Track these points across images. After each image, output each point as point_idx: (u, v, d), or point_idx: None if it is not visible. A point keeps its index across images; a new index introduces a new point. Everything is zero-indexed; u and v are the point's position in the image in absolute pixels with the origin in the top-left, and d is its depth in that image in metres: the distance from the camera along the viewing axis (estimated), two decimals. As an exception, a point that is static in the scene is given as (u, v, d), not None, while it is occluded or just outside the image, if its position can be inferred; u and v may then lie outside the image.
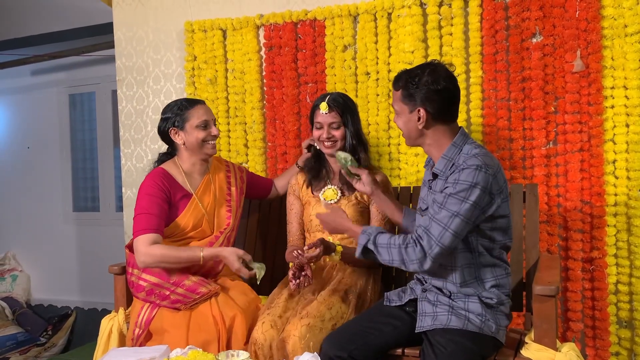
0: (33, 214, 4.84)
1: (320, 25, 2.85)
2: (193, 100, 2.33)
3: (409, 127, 1.87)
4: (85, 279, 4.64)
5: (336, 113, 2.22)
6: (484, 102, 2.58)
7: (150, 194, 2.19)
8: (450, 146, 1.85)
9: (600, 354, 2.43)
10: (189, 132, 2.26)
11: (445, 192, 1.76)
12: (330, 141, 2.23)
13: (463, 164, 1.77)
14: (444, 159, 1.85)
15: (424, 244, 1.75)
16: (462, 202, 1.73)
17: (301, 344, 1.85)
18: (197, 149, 2.28)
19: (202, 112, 2.28)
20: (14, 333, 4.20)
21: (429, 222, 1.77)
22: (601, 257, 2.42)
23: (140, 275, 2.17)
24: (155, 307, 2.15)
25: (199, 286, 2.12)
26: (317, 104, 2.25)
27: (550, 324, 1.78)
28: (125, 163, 3.33)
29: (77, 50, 4.30)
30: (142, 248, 2.10)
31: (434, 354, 1.72)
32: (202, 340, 2.02)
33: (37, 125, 4.81)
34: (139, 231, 2.13)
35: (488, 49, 2.55)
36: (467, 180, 1.74)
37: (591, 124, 2.43)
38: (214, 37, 3.06)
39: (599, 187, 2.42)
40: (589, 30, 2.41)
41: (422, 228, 1.77)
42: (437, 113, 1.82)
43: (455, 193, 1.74)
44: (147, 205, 2.17)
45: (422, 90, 1.80)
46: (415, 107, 1.82)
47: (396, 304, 1.97)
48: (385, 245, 1.80)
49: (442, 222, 1.73)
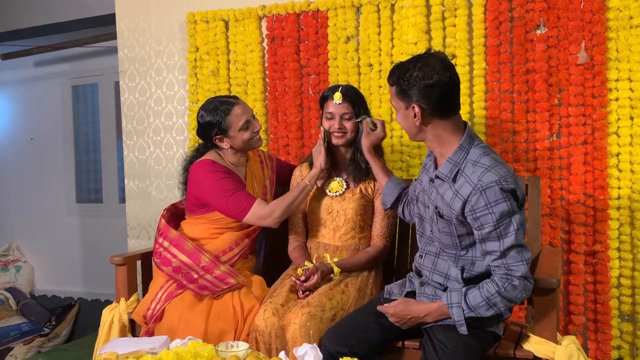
0: (36, 205, 4.86)
1: (323, 16, 2.83)
2: (228, 101, 2.27)
3: (407, 124, 1.79)
4: (88, 270, 4.66)
5: (349, 104, 2.20)
6: (487, 94, 2.57)
7: (222, 177, 2.21)
8: (457, 150, 1.74)
9: (602, 348, 2.42)
10: (234, 137, 2.25)
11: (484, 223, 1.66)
12: (341, 132, 2.21)
13: (477, 182, 1.67)
14: (450, 163, 1.75)
15: (514, 274, 1.67)
16: (510, 216, 1.66)
17: (301, 332, 1.86)
18: (244, 148, 2.30)
19: (241, 113, 2.25)
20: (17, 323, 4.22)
21: (500, 255, 1.67)
22: (604, 250, 2.41)
23: (170, 248, 2.19)
24: (180, 287, 2.16)
25: (228, 277, 2.14)
26: (330, 93, 2.22)
27: (551, 317, 1.77)
28: (128, 154, 3.33)
29: (80, 42, 4.29)
30: (265, 211, 2.17)
31: (435, 353, 1.71)
32: (219, 329, 2.04)
33: (40, 116, 4.82)
34: (244, 208, 2.17)
35: (492, 40, 2.54)
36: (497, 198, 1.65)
37: (595, 117, 2.41)
38: (216, 29, 3.05)
39: (602, 181, 2.41)
40: (594, 21, 2.38)
41: (499, 265, 1.68)
42: (433, 108, 1.71)
43: (499, 217, 1.64)
44: (230, 184, 2.19)
45: (413, 85, 1.70)
46: (410, 104, 1.73)
47: (397, 297, 1.96)
48: (484, 305, 1.68)
49: (510, 245, 1.66)
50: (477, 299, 1.69)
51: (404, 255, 2.41)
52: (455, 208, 1.72)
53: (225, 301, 2.11)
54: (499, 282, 1.68)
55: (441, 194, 1.78)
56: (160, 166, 3.25)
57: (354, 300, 2.07)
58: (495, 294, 1.67)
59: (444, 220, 1.78)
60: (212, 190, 2.20)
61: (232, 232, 2.27)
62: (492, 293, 1.67)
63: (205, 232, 2.27)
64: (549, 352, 1.75)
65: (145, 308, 2.18)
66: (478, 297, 1.69)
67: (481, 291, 1.69)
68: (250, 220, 2.19)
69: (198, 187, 2.24)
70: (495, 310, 1.70)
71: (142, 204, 3.30)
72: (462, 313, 1.70)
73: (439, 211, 1.79)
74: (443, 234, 1.81)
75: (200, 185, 2.23)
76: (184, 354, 1.61)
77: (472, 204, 1.67)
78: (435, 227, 1.84)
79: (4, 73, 4.86)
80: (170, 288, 2.18)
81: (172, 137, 3.22)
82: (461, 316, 1.70)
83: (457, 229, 1.76)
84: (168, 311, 2.14)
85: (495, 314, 1.71)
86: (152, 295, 2.19)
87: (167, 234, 2.23)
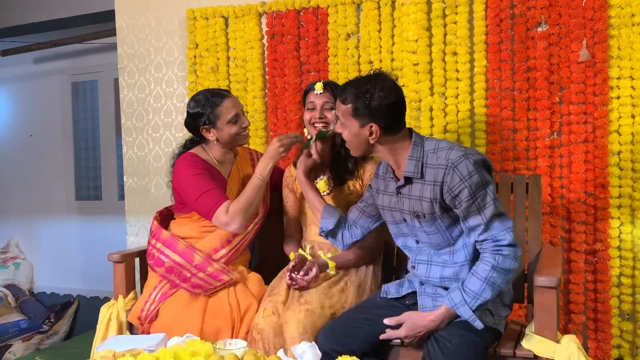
0: (36, 203, 4.85)
1: (323, 13, 2.82)
2: (220, 93, 2.25)
3: (358, 140, 1.80)
4: (87, 267, 4.65)
5: (330, 94, 2.18)
6: (487, 92, 2.56)
7: (196, 174, 2.14)
8: (413, 146, 1.80)
9: (602, 347, 2.41)
10: (221, 129, 2.22)
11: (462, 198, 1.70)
12: (322, 122, 2.18)
13: (446, 162, 1.72)
14: (412, 161, 1.79)
15: (502, 244, 1.70)
16: (485, 187, 1.71)
17: (299, 329, 1.86)
18: (230, 142, 2.26)
19: (231, 106, 2.22)
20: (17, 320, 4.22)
21: (484, 228, 1.71)
22: (604, 249, 2.40)
23: (163, 249, 2.17)
24: (174, 287, 2.15)
25: (221, 274, 2.12)
26: (311, 86, 2.22)
27: (551, 316, 1.76)
28: (127, 151, 3.32)
29: (79, 38, 4.28)
30: (225, 218, 2.08)
31: (439, 349, 1.70)
32: (216, 327, 2.03)
33: (40, 113, 4.80)
34: (211, 210, 2.09)
35: (493, 37, 2.52)
36: (470, 170, 1.70)
37: (596, 115, 2.40)
38: (216, 25, 3.03)
39: (603, 179, 2.40)
40: (596, 19, 2.37)
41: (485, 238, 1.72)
42: (389, 127, 1.77)
43: (475, 189, 1.70)
44: (201, 184, 2.12)
45: (374, 103, 1.73)
46: (367, 123, 1.76)
47: (393, 296, 1.95)
48: (485, 286, 1.68)
49: (492, 215, 1.71)
50: (476, 284, 1.70)
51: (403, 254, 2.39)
52: (435, 196, 1.75)
53: (221, 299, 2.10)
54: (489, 258, 1.70)
55: (416, 195, 1.80)
56: (159, 163, 3.24)
57: (354, 298, 2.06)
58: (491, 270, 1.69)
59: (426, 220, 1.79)
60: (187, 186, 2.15)
61: (222, 230, 2.21)
62: (488, 271, 1.69)
63: (194, 230, 2.23)
64: (549, 351, 1.74)
65: (140, 309, 2.16)
66: (477, 282, 1.70)
67: (476, 275, 1.70)
68: (216, 224, 2.12)
69: (177, 182, 2.21)
70: (497, 288, 1.70)
71: (141, 201, 3.29)
72: (469, 308, 1.69)
73: (418, 214, 1.80)
74: (431, 235, 1.82)
75: (178, 180, 2.19)
76: (182, 352, 1.60)
77: (448, 183, 1.72)
78: (421, 233, 1.84)
79: (3, 70, 4.85)
80: (163, 288, 2.16)
81: (172, 134, 3.21)
82: (469, 312, 1.70)
83: (443, 222, 1.78)
84: (163, 311, 2.12)
85: (498, 291, 1.72)
86: (146, 296, 2.18)
87: (160, 235, 2.21)
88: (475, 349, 1.72)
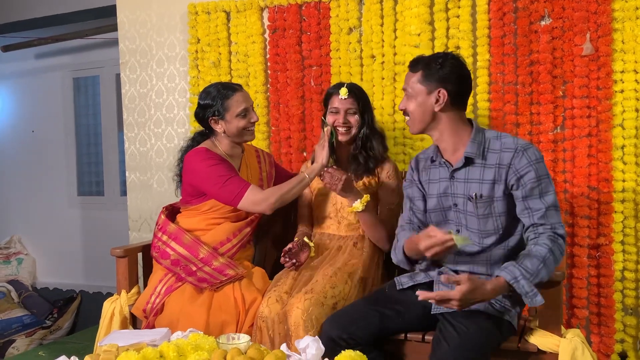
0: (38, 198, 4.85)
1: (325, 7, 2.81)
2: (231, 87, 2.28)
3: (423, 110, 1.82)
4: (90, 263, 4.66)
5: (354, 100, 2.23)
6: (491, 86, 2.55)
7: (215, 163, 2.19)
8: (475, 131, 1.83)
9: (605, 341, 2.41)
10: (230, 121, 2.24)
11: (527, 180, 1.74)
12: (345, 127, 2.23)
13: (515, 145, 1.77)
14: (475, 142, 1.81)
15: (558, 233, 1.72)
16: (548, 177, 1.77)
17: (303, 317, 1.89)
18: (237, 137, 2.28)
19: (242, 100, 2.25)
20: (20, 316, 4.22)
21: (543, 213, 1.73)
22: (608, 243, 2.39)
23: (169, 242, 2.19)
24: (179, 280, 2.16)
25: (227, 268, 2.13)
26: (335, 90, 2.26)
27: (555, 310, 1.76)
28: (129, 147, 3.31)
29: (81, 34, 4.27)
30: (260, 196, 2.15)
31: (456, 333, 1.69)
32: (221, 321, 2.04)
33: (42, 109, 4.80)
34: (238, 193, 2.14)
35: (496, 31, 2.51)
36: (537, 156, 1.76)
37: (600, 109, 2.39)
38: (218, 20, 3.02)
39: (606, 173, 2.39)
40: (599, 12, 2.36)
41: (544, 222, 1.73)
42: (456, 96, 1.80)
43: (541, 174, 1.75)
44: (222, 172, 2.17)
45: (445, 69, 1.79)
46: (436, 88, 1.79)
47: (408, 285, 1.95)
48: (542, 267, 1.65)
49: (551, 203, 1.74)
50: (534, 263, 1.65)
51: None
52: (500, 178, 1.77)
53: (226, 293, 2.10)
54: (547, 241, 1.70)
55: (475, 178, 1.81)
56: (161, 158, 3.23)
57: (355, 291, 2.09)
58: (548, 252, 1.68)
59: (483, 201, 1.79)
60: (207, 176, 2.18)
61: (229, 223, 2.26)
62: (545, 253, 1.67)
63: (202, 223, 2.26)
64: (553, 345, 1.74)
65: (145, 302, 2.17)
66: (535, 261, 1.65)
67: (533, 256, 1.67)
68: (244, 205, 2.17)
69: (192, 174, 2.23)
70: (549, 272, 1.68)
71: (143, 197, 3.29)
72: (530, 282, 1.63)
73: (475, 197, 1.80)
74: (482, 220, 1.81)
75: (194, 172, 2.21)
76: (185, 346, 1.61)
77: (516, 165, 1.75)
78: (472, 217, 1.82)
79: (5, 65, 4.84)
80: (169, 281, 2.17)
81: (174, 129, 3.20)
82: (532, 286, 1.63)
83: (497, 207, 1.79)
84: (168, 304, 2.13)
85: (548, 276, 1.68)
86: (152, 289, 2.19)
87: (166, 228, 2.23)
88: (491, 336, 1.72)
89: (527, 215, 1.75)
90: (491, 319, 1.73)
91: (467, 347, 1.65)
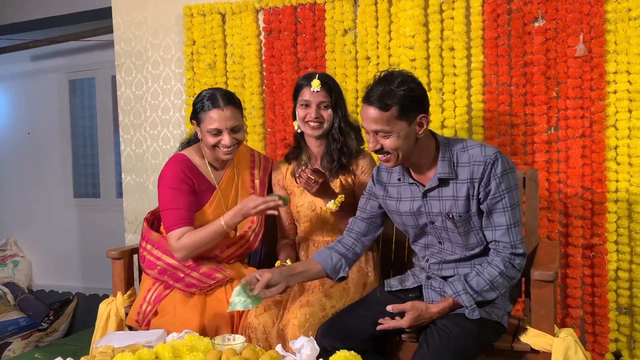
0: (34, 200, 4.84)
1: (320, 9, 2.82)
2: (216, 101, 2.08)
3: (409, 142, 1.70)
4: (86, 265, 4.65)
5: (326, 92, 2.09)
6: (485, 87, 2.56)
7: (173, 187, 2.09)
8: (442, 147, 1.76)
9: (600, 341, 2.42)
10: (203, 133, 2.11)
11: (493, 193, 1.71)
12: (317, 122, 2.09)
13: (484, 158, 1.71)
14: (445, 161, 1.75)
15: (517, 252, 1.73)
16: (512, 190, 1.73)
17: (300, 332, 1.82)
18: (211, 151, 2.14)
19: (216, 119, 2.05)
20: (16, 318, 4.21)
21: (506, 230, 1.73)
22: (601, 243, 2.41)
23: (152, 251, 2.15)
24: (168, 287, 2.13)
25: (215, 272, 2.09)
26: (306, 81, 2.10)
27: (549, 310, 1.77)
28: (125, 149, 3.31)
29: (77, 35, 4.26)
30: (175, 244, 2.05)
31: (438, 336, 1.70)
32: (215, 325, 2.02)
33: (37, 111, 4.79)
34: (168, 227, 2.08)
35: (490, 33, 2.52)
36: (505, 168, 1.72)
37: (593, 110, 2.40)
38: (213, 22, 3.03)
39: (600, 174, 2.40)
40: (592, 14, 2.37)
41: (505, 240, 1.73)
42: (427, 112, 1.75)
43: (506, 188, 1.71)
44: (171, 200, 2.08)
45: (418, 95, 1.69)
46: (417, 115, 1.69)
47: (396, 288, 1.96)
48: (488, 288, 1.72)
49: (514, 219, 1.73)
50: (480, 283, 1.73)
51: (400, 249, 2.40)
52: (473, 193, 1.74)
53: (219, 297, 2.07)
54: (500, 264, 1.73)
55: (449, 196, 1.77)
56: (157, 160, 3.23)
57: (354, 295, 2.05)
58: (498, 276, 1.72)
59: (461, 219, 1.77)
60: (161, 193, 2.13)
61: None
62: (495, 276, 1.72)
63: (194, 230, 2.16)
64: (547, 344, 1.75)
65: (136, 312, 2.15)
66: (481, 281, 1.73)
67: (483, 276, 1.73)
68: (169, 242, 2.09)
69: (158, 183, 2.16)
70: (498, 293, 1.74)
71: (139, 198, 3.29)
72: (471, 297, 1.72)
73: (452, 215, 1.77)
74: (463, 236, 1.81)
75: (159, 183, 2.16)
76: (180, 347, 1.61)
77: (485, 178, 1.72)
78: (454, 234, 1.82)
79: (0, 67, 4.84)
80: (158, 289, 2.15)
81: (169, 130, 3.20)
82: (472, 301, 1.73)
83: (476, 221, 1.78)
84: (162, 311, 2.10)
85: (497, 296, 1.75)
86: (141, 298, 2.16)
87: (149, 237, 2.18)
88: (474, 340, 1.72)
89: (490, 230, 1.76)
90: (477, 321, 1.73)
91: (448, 350, 1.66)
